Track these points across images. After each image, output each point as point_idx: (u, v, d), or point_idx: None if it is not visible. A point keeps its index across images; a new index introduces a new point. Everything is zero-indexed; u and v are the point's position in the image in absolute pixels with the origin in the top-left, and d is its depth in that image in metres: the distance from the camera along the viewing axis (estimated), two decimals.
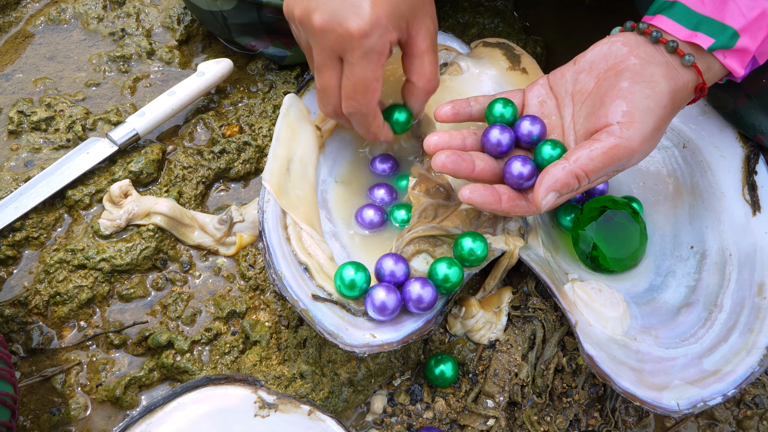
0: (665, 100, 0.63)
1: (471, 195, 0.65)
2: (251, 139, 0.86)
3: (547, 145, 0.67)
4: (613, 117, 0.62)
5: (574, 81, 0.68)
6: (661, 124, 0.63)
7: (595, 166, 0.61)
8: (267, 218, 0.71)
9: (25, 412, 0.72)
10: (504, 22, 0.98)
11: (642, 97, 0.62)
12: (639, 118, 0.62)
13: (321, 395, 0.70)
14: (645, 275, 0.76)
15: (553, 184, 0.62)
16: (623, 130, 0.62)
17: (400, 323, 0.67)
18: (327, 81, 0.67)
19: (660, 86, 0.63)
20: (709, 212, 0.76)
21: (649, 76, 0.63)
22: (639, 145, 0.62)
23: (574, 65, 0.69)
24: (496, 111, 0.70)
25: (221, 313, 0.76)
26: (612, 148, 0.61)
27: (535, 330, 0.74)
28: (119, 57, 0.94)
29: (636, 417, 0.73)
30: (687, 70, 0.64)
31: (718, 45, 0.63)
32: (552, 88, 0.71)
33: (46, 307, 0.75)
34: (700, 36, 0.63)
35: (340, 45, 0.64)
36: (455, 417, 0.72)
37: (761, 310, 0.69)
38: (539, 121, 0.69)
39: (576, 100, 0.68)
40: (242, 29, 0.89)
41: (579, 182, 0.62)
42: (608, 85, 0.64)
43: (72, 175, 0.81)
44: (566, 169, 0.62)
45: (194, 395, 0.62)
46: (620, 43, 0.66)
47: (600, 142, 0.62)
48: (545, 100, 0.71)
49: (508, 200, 0.66)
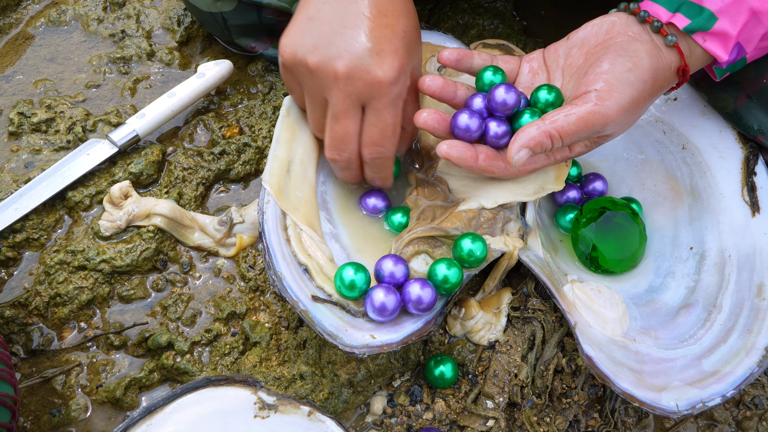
0: (646, 75, 0.65)
1: (449, 150, 0.66)
2: (251, 141, 0.86)
3: (526, 114, 0.69)
4: (593, 85, 0.65)
5: (566, 56, 0.71)
6: (640, 99, 0.65)
7: (570, 129, 0.63)
8: (267, 219, 0.71)
9: (26, 414, 0.72)
10: (504, 23, 0.98)
11: (623, 70, 0.64)
12: (618, 88, 0.64)
13: (321, 396, 0.70)
14: (644, 276, 0.76)
15: (527, 142, 0.63)
16: (601, 97, 0.64)
17: (400, 324, 0.67)
18: (347, 128, 0.67)
19: (643, 62, 0.65)
20: (709, 213, 0.76)
21: (633, 51, 0.65)
22: (615, 114, 0.64)
23: (567, 41, 0.71)
24: (486, 78, 0.71)
25: (221, 314, 0.76)
26: (588, 114, 0.63)
27: (535, 331, 0.74)
28: (119, 58, 0.94)
29: (635, 418, 0.73)
30: (670, 51, 0.66)
31: (694, 26, 0.65)
32: (545, 62, 0.73)
33: (46, 309, 0.76)
34: (678, 16, 0.65)
35: (368, 92, 0.65)
36: (455, 418, 0.72)
37: (760, 311, 0.69)
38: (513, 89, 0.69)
39: (565, 73, 0.70)
40: (242, 30, 0.89)
41: (552, 142, 0.64)
42: (594, 58, 0.67)
43: (72, 177, 0.81)
44: (541, 128, 0.63)
45: (194, 396, 0.63)
46: (610, 23, 0.68)
47: (577, 106, 0.64)
48: (537, 72, 0.73)
49: (485, 159, 0.68)
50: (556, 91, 0.69)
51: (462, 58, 0.72)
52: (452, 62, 0.72)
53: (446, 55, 0.72)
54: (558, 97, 0.69)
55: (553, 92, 0.69)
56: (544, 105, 0.69)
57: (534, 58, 0.73)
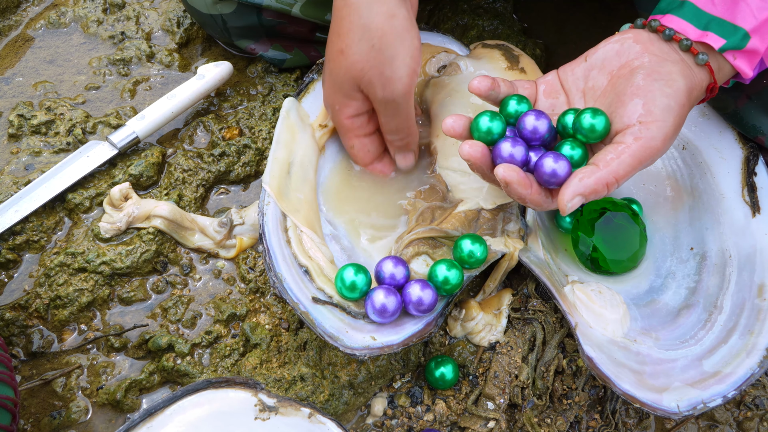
0: (683, 98, 0.62)
1: (505, 173, 0.61)
2: (251, 142, 0.86)
3: (566, 145, 0.64)
4: (634, 117, 0.61)
5: (585, 78, 0.68)
6: (681, 122, 0.63)
7: (624, 171, 0.60)
8: (267, 221, 0.71)
9: (26, 416, 0.72)
10: (503, 24, 0.98)
11: (661, 96, 0.61)
12: (661, 117, 0.61)
13: (321, 398, 0.70)
14: (645, 277, 0.76)
15: (582, 190, 0.60)
16: (645, 130, 0.61)
17: (401, 325, 0.67)
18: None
19: (678, 84, 0.62)
20: (709, 214, 0.76)
21: (666, 74, 0.62)
22: (662, 144, 0.61)
23: (585, 62, 0.68)
24: (510, 107, 0.67)
25: (221, 315, 0.76)
26: (638, 150, 0.60)
27: (535, 332, 0.74)
28: (119, 60, 0.94)
29: (636, 419, 0.73)
30: (700, 69, 0.64)
31: (729, 46, 0.63)
32: (562, 83, 0.70)
33: (46, 311, 0.76)
34: (711, 36, 0.63)
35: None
36: (455, 419, 0.72)
37: (761, 311, 0.69)
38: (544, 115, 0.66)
39: (588, 97, 0.67)
40: (242, 32, 0.89)
41: (608, 189, 0.61)
42: (625, 83, 0.63)
43: (72, 179, 0.81)
44: (596, 175, 0.60)
45: (195, 398, 0.62)
46: (632, 41, 0.65)
47: (625, 145, 0.61)
48: (555, 96, 0.70)
49: (536, 191, 0.63)
50: (602, 115, 0.63)
51: (492, 89, 0.68)
52: (483, 92, 0.67)
53: (476, 84, 0.67)
54: (606, 123, 0.63)
55: (599, 116, 0.63)
56: (588, 131, 0.63)
57: (549, 80, 0.70)
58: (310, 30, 0.88)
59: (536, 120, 0.64)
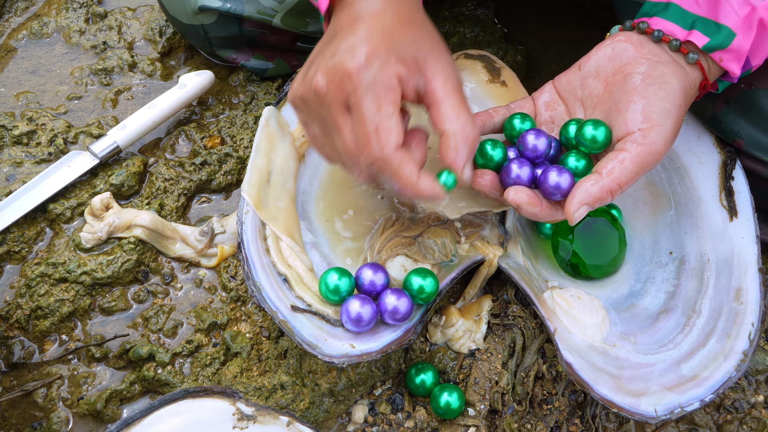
0: (679, 99, 0.63)
1: (515, 197, 0.63)
2: (233, 151, 0.87)
3: (571, 157, 0.66)
4: (633, 124, 0.62)
5: (582, 86, 0.68)
6: (679, 124, 0.64)
7: (627, 178, 0.62)
8: (246, 230, 0.71)
9: (7, 427, 0.72)
10: (485, 30, 0.98)
11: (658, 100, 0.62)
12: (659, 121, 0.62)
13: (302, 406, 0.70)
14: (625, 281, 0.77)
15: (586, 199, 0.61)
16: (646, 135, 0.62)
17: (379, 333, 0.68)
18: (345, 140, 0.59)
19: (672, 85, 0.63)
20: (688, 218, 0.76)
21: (659, 76, 0.63)
22: (663, 148, 0.62)
23: (579, 70, 0.68)
24: (516, 126, 0.69)
25: (202, 324, 0.76)
26: (640, 156, 0.61)
27: (515, 338, 0.74)
28: (101, 70, 0.94)
29: (616, 423, 0.73)
30: (692, 68, 0.65)
31: (713, 44, 0.64)
32: (560, 94, 0.70)
33: (27, 321, 0.75)
34: (696, 34, 0.64)
35: (342, 91, 0.57)
36: (436, 426, 0.72)
37: (738, 315, 0.70)
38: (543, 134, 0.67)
39: (587, 105, 0.68)
40: (223, 42, 0.90)
41: (612, 196, 0.62)
42: (620, 90, 0.64)
43: (53, 189, 0.81)
44: (599, 184, 0.61)
45: (172, 408, 0.63)
46: (623, 44, 0.66)
47: (627, 152, 0.62)
48: (554, 107, 0.70)
49: (546, 207, 0.65)
50: (603, 126, 0.64)
51: (484, 123, 0.69)
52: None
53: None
54: (607, 134, 0.64)
55: (599, 127, 0.64)
56: (590, 143, 0.64)
57: (545, 91, 0.71)
58: (291, 40, 0.88)
59: (536, 139, 0.66)
